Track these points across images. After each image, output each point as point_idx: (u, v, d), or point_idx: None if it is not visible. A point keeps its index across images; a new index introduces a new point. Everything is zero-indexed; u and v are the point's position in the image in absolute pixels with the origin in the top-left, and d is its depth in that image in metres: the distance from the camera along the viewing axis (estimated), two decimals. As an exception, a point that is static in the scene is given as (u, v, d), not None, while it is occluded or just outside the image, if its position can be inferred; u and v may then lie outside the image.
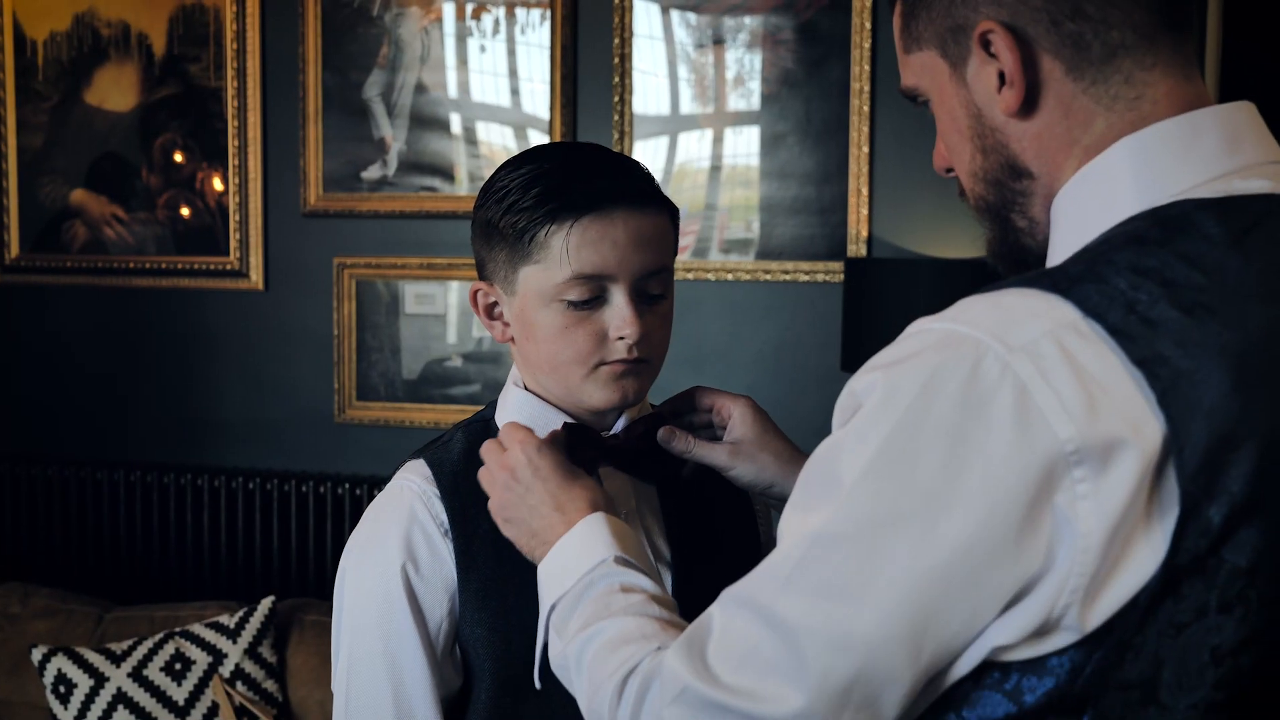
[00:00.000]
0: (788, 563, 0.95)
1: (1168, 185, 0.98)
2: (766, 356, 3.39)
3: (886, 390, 0.92)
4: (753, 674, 0.95)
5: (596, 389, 1.33)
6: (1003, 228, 1.08)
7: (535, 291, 1.31)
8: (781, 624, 0.94)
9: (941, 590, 0.89)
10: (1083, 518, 0.87)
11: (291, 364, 3.70)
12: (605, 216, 1.29)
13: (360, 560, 1.36)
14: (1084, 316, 0.90)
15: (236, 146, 3.66)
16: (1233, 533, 0.88)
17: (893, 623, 0.90)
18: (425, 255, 3.57)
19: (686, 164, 3.43)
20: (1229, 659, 0.90)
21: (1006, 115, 1.03)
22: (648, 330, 1.32)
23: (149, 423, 3.80)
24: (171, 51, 3.69)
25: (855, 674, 0.91)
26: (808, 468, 0.98)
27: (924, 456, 0.89)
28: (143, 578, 3.71)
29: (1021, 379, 0.88)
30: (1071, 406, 0.87)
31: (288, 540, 3.61)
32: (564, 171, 1.31)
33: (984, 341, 0.90)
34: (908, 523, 0.90)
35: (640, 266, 1.31)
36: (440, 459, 1.38)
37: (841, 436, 0.95)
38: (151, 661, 3.00)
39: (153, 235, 3.75)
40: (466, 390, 3.56)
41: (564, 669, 1.16)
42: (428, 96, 3.54)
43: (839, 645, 0.91)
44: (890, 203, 3.30)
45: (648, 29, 3.42)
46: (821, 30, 3.30)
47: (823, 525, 0.93)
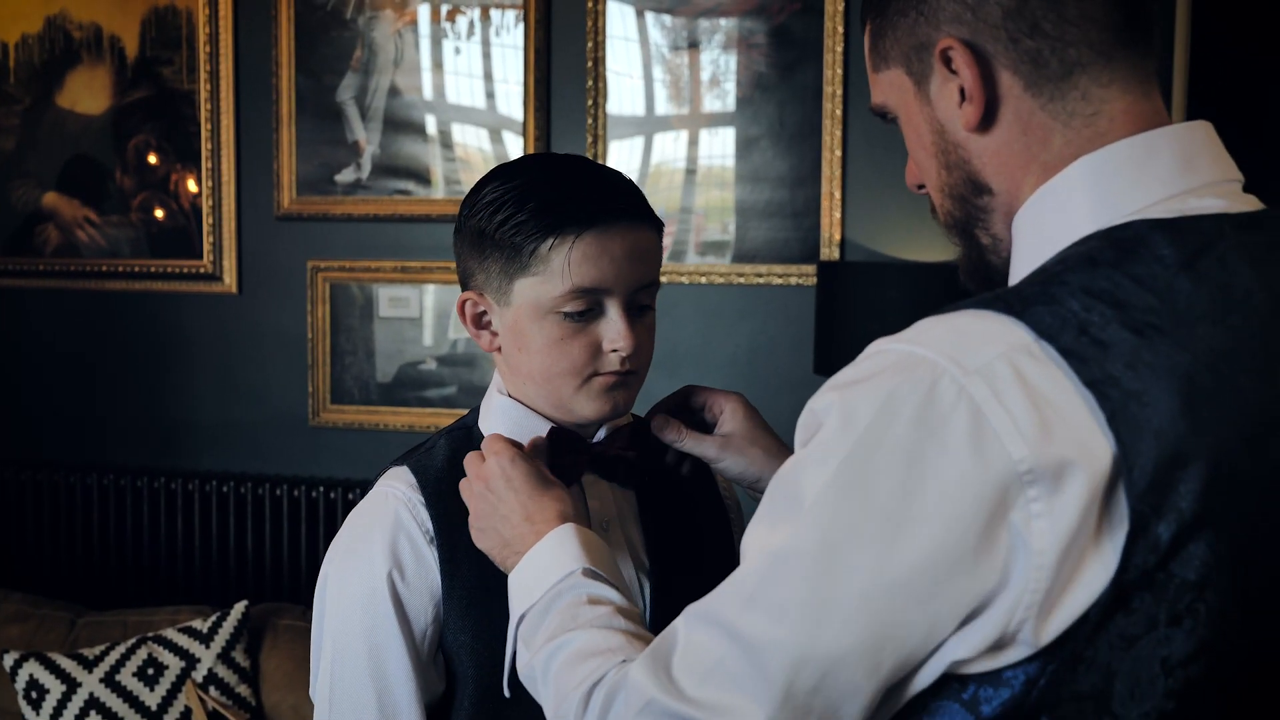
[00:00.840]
0: (750, 580, 0.97)
1: (1123, 205, 0.99)
2: (740, 359, 3.40)
3: (844, 411, 0.94)
4: (716, 687, 0.96)
5: (588, 400, 1.34)
6: (970, 244, 1.10)
7: (531, 303, 1.32)
8: (744, 639, 0.95)
9: (900, 607, 0.91)
10: (1036, 536, 0.89)
11: (265, 367, 3.69)
12: (605, 232, 1.30)
13: (344, 566, 1.36)
14: (1037, 339, 0.91)
15: (210, 149, 3.65)
16: (1181, 548, 0.90)
17: (852, 639, 0.92)
18: (399, 258, 3.57)
19: (662, 165, 3.43)
20: (1179, 670, 0.92)
21: (967, 130, 1.04)
22: (639, 342, 1.34)
23: (122, 426, 3.79)
24: (144, 54, 3.68)
25: (815, 687, 0.93)
26: (773, 485, 0.99)
27: (882, 477, 0.91)
28: (116, 582, 3.70)
29: (976, 401, 0.90)
30: (1025, 427, 0.89)
31: (261, 544, 3.60)
32: (561, 185, 1.32)
33: (940, 364, 0.91)
34: (866, 541, 0.91)
35: (635, 280, 1.32)
36: (424, 465, 1.38)
37: (803, 456, 0.96)
38: (124, 666, 2.99)
39: (126, 238, 3.74)
40: (442, 393, 3.56)
41: (531, 679, 1.17)
42: (401, 99, 3.54)
43: (800, 660, 0.93)
44: (863, 206, 3.31)
45: (623, 31, 3.42)
46: (794, 34, 3.31)
47: (784, 543, 0.95)
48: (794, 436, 1.00)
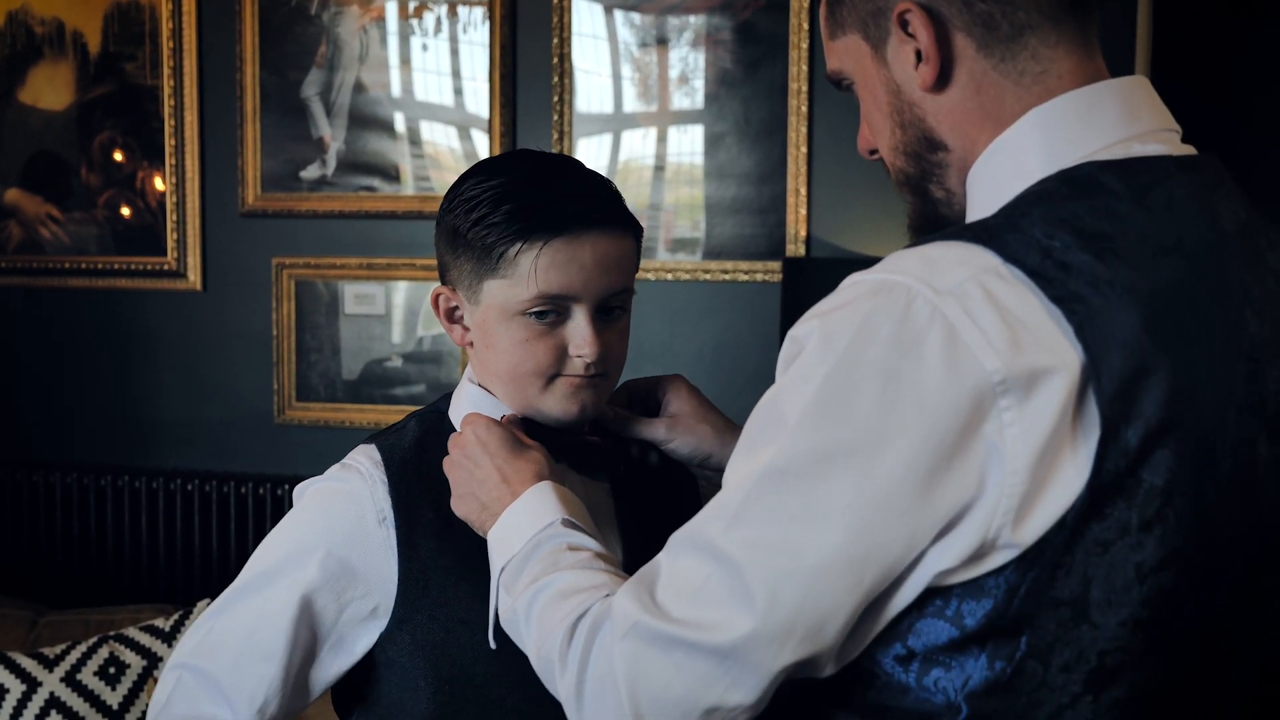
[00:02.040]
0: (734, 500, 1.00)
1: (1073, 151, 1.05)
2: (705, 356, 3.40)
3: (824, 335, 0.98)
4: (701, 606, 0.99)
5: (554, 401, 1.36)
6: (923, 199, 1.15)
7: (499, 305, 1.33)
8: (729, 558, 0.98)
9: (882, 518, 0.95)
10: (1010, 443, 0.94)
11: (230, 365, 3.67)
12: (574, 239, 1.31)
13: (289, 531, 1.39)
14: (1004, 262, 0.97)
15: (173, 146, 3.63)
16: (1149, 454, 0.95)
17: (836, 550, 0.96)
18: (365, 255, 3.56)
19: (630, 162, 3.43)
20: (1152, 576, 0.97)
21: (923, 90, 1.10)
22: (606, 347, 1.35)
23: (85, 424, 3.76)
24: (107, 49, 3.66)
25: (800, 601, 0.96)
26: (753, 417, 1.03)
27: (861, 393, 0.96)
28: (79, 581, 3.67)
29: (949, 319, 0.95)
30: (996, 341, 0.94)
31: (226, 542, 3.58)
32: (536, 190, 1.32)
33: (914, 287, 0.96)
34: (848, 455, 0.96)
35: (604, 289, 1.33)
36: (392, 445, 1.40)
37: (784, 381, 1.00)
38: (85, 666, 2.97)
39: (91, 235, 3.71)
40: (409, 391, 3.55)
41: (514, 624, 1.20)
42: (367, 96, 3.52)
43: (785, 574, 0.96)
44: (829, 203, 3.31)
45: (591, 28, 3.42)
46: (759, 31, 3.31)
47: (769, 462, 0.98)
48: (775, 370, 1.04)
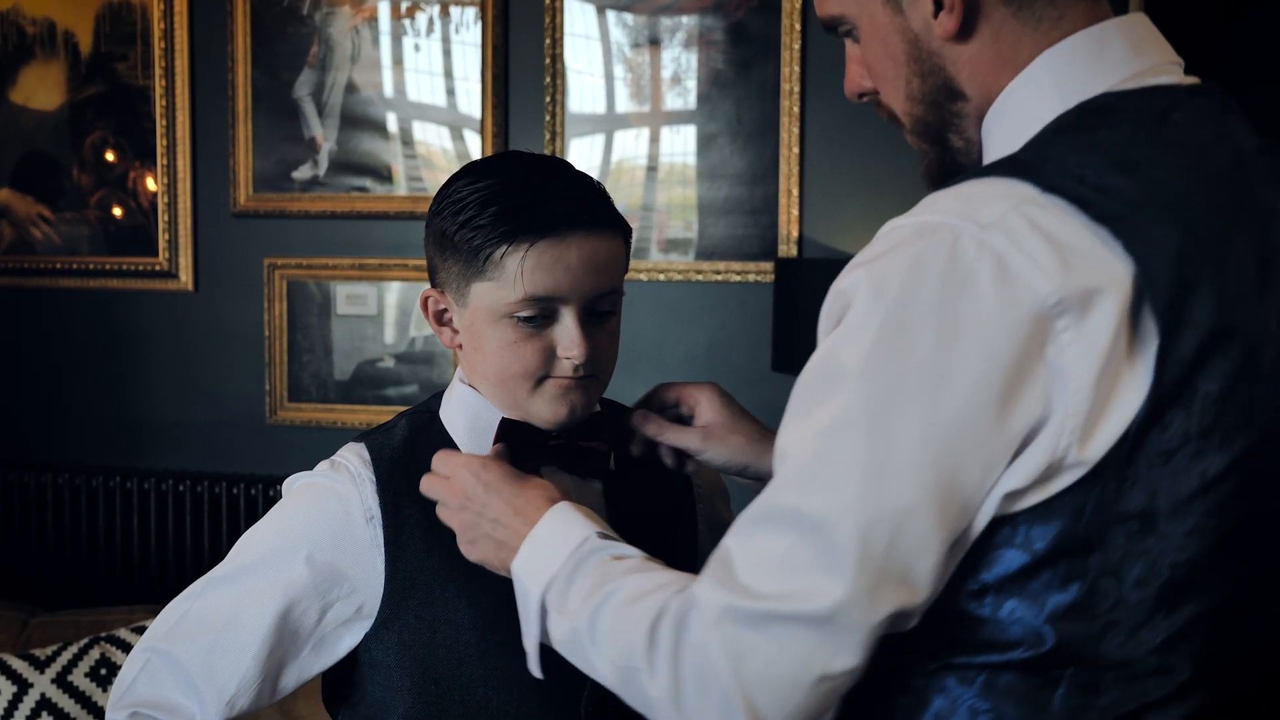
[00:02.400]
0: (803, 462, 0.99)
1: (1086, 88, 1.07)
2: (698, 357, 3.40)
3: (873, 283, 0.98)
4: (789, 577, 0.97)
5: (543, 404, 1.35)
6: (941, 148, 1.16)
7: (486, 307, 1.33)
8: (809, 520, 0.97)
9: (956, 452, 0.96)
10: (1071, 363, 0.95)
11: (222, 365, 3.67)
12: (560, 241, 1.30)
13: (276, 525, 1.38)
14: (1042, 191, 0.99)
15: (165, 146, 3.62)
16: (1204, 362, 0.97)
17: (916, 489, 0.96)
18: (356, 255, 3.55)
19: (623, 163, 3.43)
20: (1215, 485, 1.00)
21: (944, 39, 1.10)
22: (595, 349, 1.34)
23: (77, 425, 3.75)
24: (98, 49, 3.65)
25: (888, 547, 0.96)
26: (802, 379, 1.02)
27: (920, 334, 0.96)
28: (70, 582, 3.67)
29: (997, 250, 0.96)
30: (1046, 266, 0.95)
31: (219, 543, 3.57)
32: (522, 191, 1.32)
33: (957, 225, 0.98)
34: (915, 396, 0.96)
35: (591, 289, 1.33)
36: (381, 445, 1.39)
37: (837, 335, 1.00)
38: (77, 667, 2.96)
39: (82, 235, 3.71)
40: (401, 391, 3.55)
41: (575, 643, 1.14)
42: (358, 96, 3.52)
43: (870, 523, 0.95)
44: (821, 203, 3.31)
45: (583, 29, 3.42)
46: (751, 31, 3.31)
47: (834, 417, 0.98)
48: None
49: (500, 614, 1.33)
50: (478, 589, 1.34)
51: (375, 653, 1.38)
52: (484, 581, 1.33)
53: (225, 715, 1.36)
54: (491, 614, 1.34)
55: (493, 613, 1.33)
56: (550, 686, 1.34)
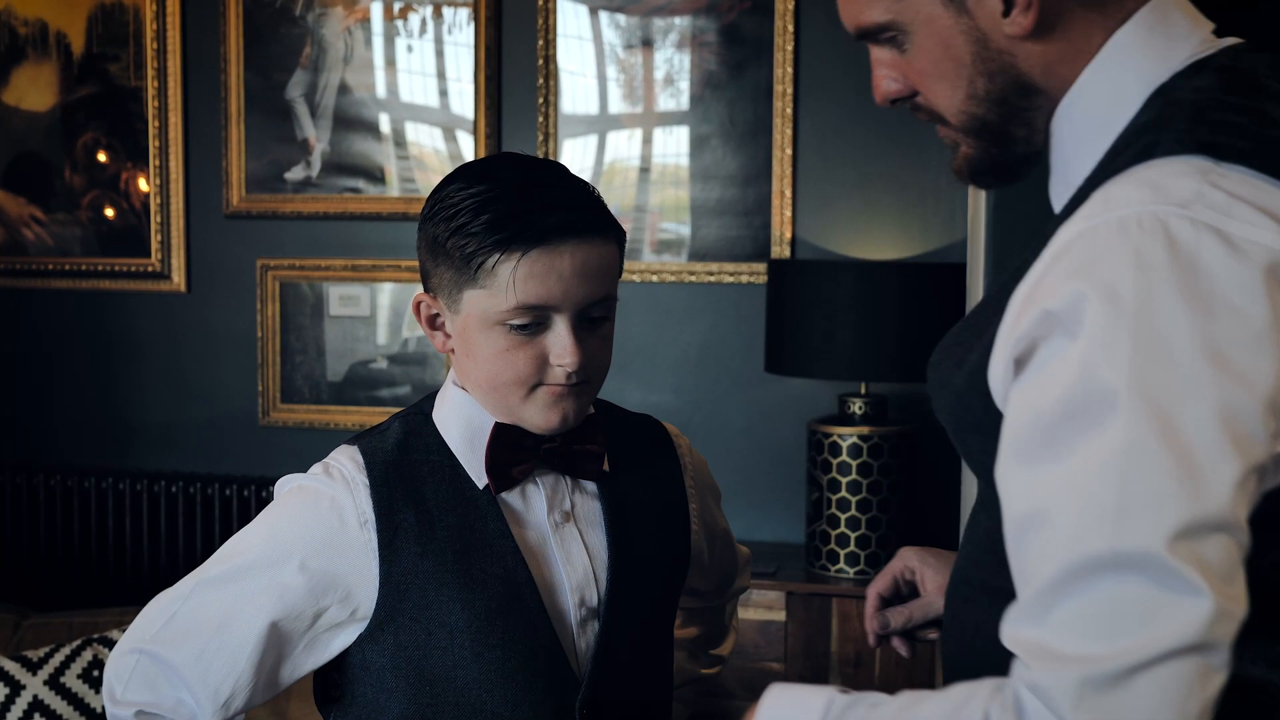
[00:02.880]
0: (1104, 499, 0.90)
1: (1165, 64, 1.07)
2: (691, 358, 3.40)
3: (1103, 292, 0.94)
4: (1139, 619, 0.88)
5: (536, 411, 1.35)
6: (996, 142, 1.14)
7: (479, 314, 1.33)
8: (1136, 555, 0.89)
9: (1251, 426, 0.92)
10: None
11: (215, 366, 3.67)
12: (553, 250, 1.30)
13: (269, 528, 1.38)
14: (1215, 162, 0.98)
15: (158, 147, 3.62)
16: None
17: (1230, 479, 0.90)
18: (349, 256, 3.55)
19: (616, 163, 3.43)
20: None
21: (1017, 37, 1.09)
22: (588, 355, 1.34)
23: (70, 426, 3.75)
24: (90, 50, 3.65)
25: (1223, 552, 0.90)
26: (1032, 417, 0.96)
27: (1174, 328, 0.92)
28: (63, 584, 3.66)
29: (1210, 223, 0.95)
30: (1261, 223, 0.95)
31: (211, 544, 3.57)
32: (515, 198, 1.31)
33: (1159, 210, 0.95)
34: (1194, 389, 0.91)
35: (584, 297, 1.33)
36: (374, 447, 1.39)
37: (1081, 359, 0.94)
38: (69, 669, 2.96)
39: (75, 236, 3.70)
40: (394, 392, 3.54)
41: None
42: (351, 97, 3.52)
43: (1199, 534, 0.89)
44: (814, 204, 3.32)
45: (576, 30, 3.42)
46: (744, 33, 3.31)
47: (1120, 442, 0.91)
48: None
49: (494, 617, 1.34)
50: (472, 592, 1.34)
51: (369, 655, 1.38)
52: (478, 584, 1.34)
53: (222, 716, 1.36)
54: (485, 617, 1.34)
55: (487, 616, 1.34)
56: (544, 688, 1.35)
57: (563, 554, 1.39)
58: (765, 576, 2.97)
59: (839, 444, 2.96)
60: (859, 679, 2.90)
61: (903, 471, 2.99)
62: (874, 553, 2.96)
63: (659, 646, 1.50)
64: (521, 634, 1.35)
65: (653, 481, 1.50)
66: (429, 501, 1.36)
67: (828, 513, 2.99)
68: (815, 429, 3.02)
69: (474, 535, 1.36)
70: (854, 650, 2.90)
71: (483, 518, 1.37)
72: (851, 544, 2.97)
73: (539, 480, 1.40)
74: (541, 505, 1.40)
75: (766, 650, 2.95)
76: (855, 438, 2.95)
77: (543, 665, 1.36)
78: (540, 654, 1.35)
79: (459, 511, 1.37)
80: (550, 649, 1.36)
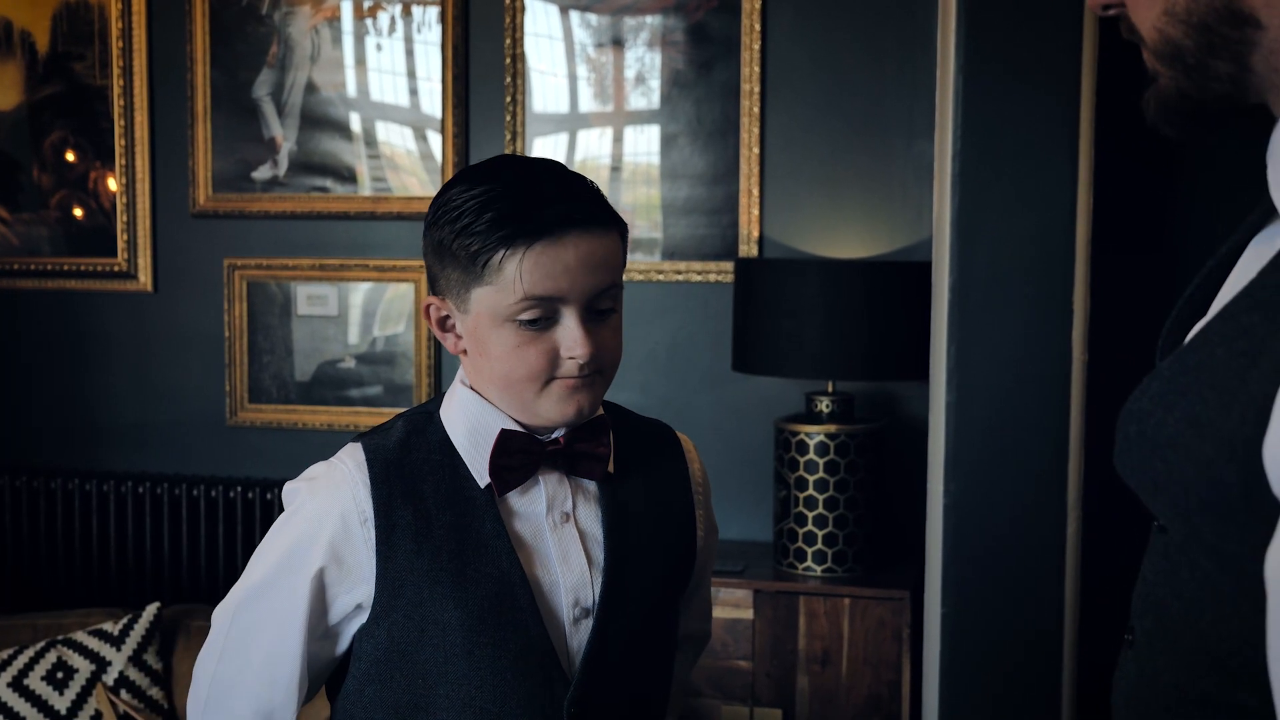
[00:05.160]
0: None
1: None
2: (659, 356, 3.40)
3: None
4: None
5: (551, 405, 1.38)
6: (1189, 75, 1.00)
7: (488, 312, 1.35)
8: None
9: None
10: None
11: (182, 366, 3.65)
12: (557, 242, 1.32)
13: (286, 526, 1.41)
14: None
15: (123, 146, 3.60)
16: None
17: None
18: (317, 256, 3.54)
19: (586, 162, 3.43)
20: None
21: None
22: (599, 345, 1.37)
23: (35, 426, 3.73)
24: (55, 49, 3.63)
25: None
26: None
27: None
28: (27, 585, 3.64)
29: None
30: None
31: (178, 545, 3.55)
32: (516, 195, 1.33)
33: None
34: None
35: (591, 288, 1.35)
36: (377, 446, 1.41)
37: None
38: (33, 671, 2.94)
39: (42, 236, 3.68)
40: (363, 392, 3.53)
41: None
42: (319, 96, 3.51)
43: None
44: (781, 203, 3.32)
45: (546, 29, 3.41)
46: (711, 32, 3.31)
47: None
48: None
49: (486, 615, 1.36)
50: (465, 590, 1.36)
51: (365, 647, 1.41)
52: (471, 583, 1.37)
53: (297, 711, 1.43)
54: (478, 615, 1.36)
55: (479, 614, 1.36)
56: (534, 686, 1.37)
57: (560, 554, 1.41)
58: (733, 575, 2.97)
59: (806, 442, 2.97)
60: (826, 677, 2.90)
61: (869, 470, 2.99)
62: (841, 550, 2.97)
63: (656, 648, 1.51)
64: (513, 633, 1.37)
65: (658, 485, 1.51)
66: (428, 499, 1.38)
67: (795, 511, 2.99)
68: (783, 427, 3.02)
69: (470, 534, 1.38)
70: (821, 648, 2.91)
71: (480, 517, 1.39)
72: (819, 542, 2.97)
73: (541, 480, 1.42)
74: (542, 505, 1.42)
75: (734, 648, 2.95)
76: (822, 436, 2.96)
77: (533, 664, 1.37)
78: (531, 653, 1.37)
79: (457, 510, 1.39)
80: (541, 648, 1.38)
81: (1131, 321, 2.92)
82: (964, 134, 2.40)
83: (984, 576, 2.44)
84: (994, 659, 2.45)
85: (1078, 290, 2.41)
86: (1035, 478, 2.43)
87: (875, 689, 2.89)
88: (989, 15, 2.39)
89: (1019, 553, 2.43)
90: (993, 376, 2.42)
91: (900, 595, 2.88)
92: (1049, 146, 2.39)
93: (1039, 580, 2.43)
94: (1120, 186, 2.77)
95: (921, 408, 3.18)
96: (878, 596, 2.89)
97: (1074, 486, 2.42)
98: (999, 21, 2.40)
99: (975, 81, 2.40)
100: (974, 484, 2.42)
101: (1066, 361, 2.41)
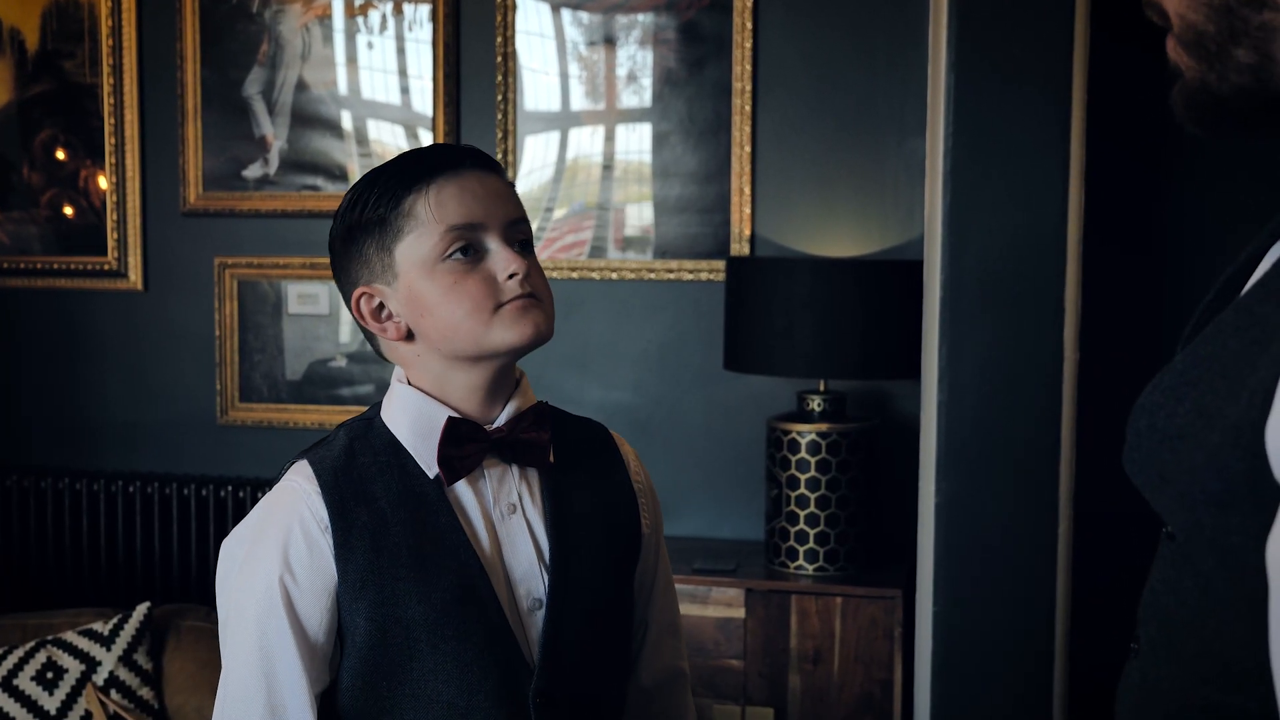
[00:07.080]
0: None
1: None
2: (651, 355, 3.40)
3: None
4: None
5: (506, 329, 1.38)
6: (1210, 63, 0.96)
7: (416, 262, 1.38)
8: None
9: None
10: None
11: (173, 365, 3.64)
12: (457, 175, 1.38)
13: (245, 561, 1.40)
14: None
15: (114, 144, 3.59)
16: None
17: None
18: (308, 254, 3.53)
19: (579, 160, 3.42)
20: None
21: None
22: (532, 268, 1.40)
23: (25, 425, 3.71)
24: (45, 47, 3.61)
25: None
26: None
27: None
28: (16, 585, 3.62)
29: None
30: None
31: (169, 545, 3.54)
32: (404, 159, 1.41)
33: None
34: None
35: (504, 215, 1.40)
36: (322, 457, 1.42)
37: None
38: (22, 671, 2.93)
39: (33, 234, 3.67)
40: (354, 391, 3.53)
41: None
42: (309, 94, 3.50)
43: None
44: (772, 202, 3.32)
45: (538, 27, 3.41)
46: (703, 30, 3.31)
47: None
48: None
49: (450, 609, 1.37)
50: (428, 584, 1.36)
51: None
52: (433, 576, 1.37)
53: None
54: (441, 609, 1.36)
55: (443, 608, 1.36)
56: (499, 678, 1.38)
57: (509, 545, 1.42)
58: (725, 574, 2.97)
59: (798, 441, 2.96)
60: (818, 676, 2.90)
61: (861, 468, 2.99)
62: (833, 549, 2.96)
63: (612, 638, 1.51)
64: (477, 625, 1.37)
65: (597, 476, 1.53)
66: (380, 500, 1.39)
67: (787, 509, 2.99)
68: (774, 426, 3.02)
69: (426, 530, 1.38)
70: (813, 647, 2.91)
71: (434, 512, 1.39)
72: (810, 541, 2.97)
73: (487, 472, 1.43)
74: (489, 497, 1.43)
75: (726, 647, 2.95)
76: (814, 435, 2.96)
77: (498, 654, 1.38)
78: (495, 644, 1.38)
79: (409, 507, 1.39)
80: (504, 639, 1.38)
81: (1123, 320, 2.92)
82: (955, 132, 2.40)
83: (976, 575, 2.44)
84: (986, 657, 2.45)
85: (1069, 289, 2.41)
86: (1027, 476, 2.42)
87: (867, 688, 2.89)
88: (980, 13, 2.39)
89: (1011, 551, 2.43)
90: (984, 375, 2.42)
91: (892, 594, 2.88)
92: (1040, 145, 2.39)
93: (1031, 579, 2.43)
94: (1111, 185, 2.77)
95: (913, 406, 3.18)
96: (870, 595, 2.89)
97: (1065, 485, 2.42)
98: (990, 19, 2.40)
99: (966, 79, 2.39)
100: (966, 483, 2.42)
101: (1058, 360, 2.41)
